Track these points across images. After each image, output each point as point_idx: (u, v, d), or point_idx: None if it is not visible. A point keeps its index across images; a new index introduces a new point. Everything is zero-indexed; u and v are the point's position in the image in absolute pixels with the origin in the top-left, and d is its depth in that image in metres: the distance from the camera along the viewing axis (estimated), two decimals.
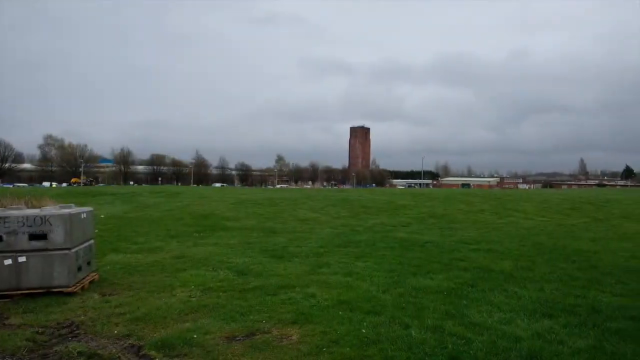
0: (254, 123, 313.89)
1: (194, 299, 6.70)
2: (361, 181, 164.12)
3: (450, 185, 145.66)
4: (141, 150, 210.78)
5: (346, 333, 5.26)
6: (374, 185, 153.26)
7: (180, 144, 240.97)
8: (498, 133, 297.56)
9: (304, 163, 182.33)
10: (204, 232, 13.63)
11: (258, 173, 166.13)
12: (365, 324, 5.56)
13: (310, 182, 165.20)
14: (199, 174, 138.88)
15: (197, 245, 11.45)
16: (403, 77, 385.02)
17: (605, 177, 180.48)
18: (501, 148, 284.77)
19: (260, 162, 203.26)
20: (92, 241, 7.99)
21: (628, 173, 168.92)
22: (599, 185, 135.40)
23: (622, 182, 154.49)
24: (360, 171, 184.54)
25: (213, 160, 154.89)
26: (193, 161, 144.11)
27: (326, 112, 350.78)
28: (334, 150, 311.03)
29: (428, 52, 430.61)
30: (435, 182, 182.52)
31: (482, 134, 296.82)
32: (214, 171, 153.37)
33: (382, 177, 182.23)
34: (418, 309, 6.19)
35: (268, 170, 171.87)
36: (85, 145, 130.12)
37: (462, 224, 16.75)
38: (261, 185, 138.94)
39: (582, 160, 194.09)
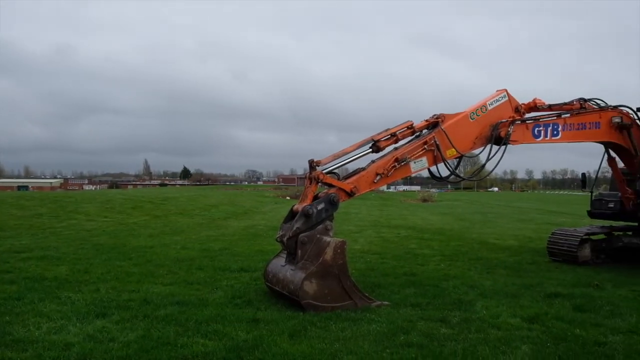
0: None
1: None
2: None
3: (5, 188, 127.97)
4: None
5: None
6: None
7: None
8: (56, 131, 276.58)
9: None
10: None
11: None
12: None
13: None
14: None
15: None
16: None
17: (167, 177, 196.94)
18: (62, 147, 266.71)
19: None
20: None
21: (185, 173, 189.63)
22: (161, 184, 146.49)
23: (180, 182, 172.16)
24: None
25: None
26: None
27: None
28: None
29: None
30: None
31: (37, 131, 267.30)
32: None
33: None
34: None
35: None
36: None
37: (15, 231, 14.96)
38: None
39: (146, 161, 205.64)
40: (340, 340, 5.25)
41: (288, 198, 43.59)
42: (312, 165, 6.93)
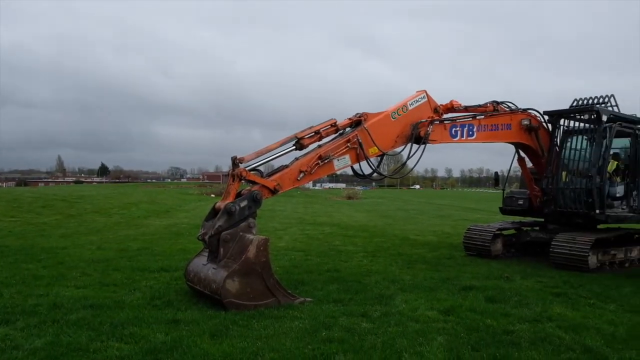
0: None
1: None
2: None
3: None
4: None
5: None
6: None
7: None
8: None
9: None
10: None
11: None
12: None
13: None
14: None
15: None
16: None
17: (83, 175, 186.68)
18: None
19: None
20: None
21: (103, 170, 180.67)
22: (76, 182, 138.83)
23: (98, 179, 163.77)
24: None
25: None
26: None
27: None
28: None
29: None
30: None
31: None
32: None
33: None
34: None
35: None
36: None
37: None
38: None
39: (59, 158, 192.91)
40: (262, 338, 5.21)
41: (212, 195, 42.67)
42: (235, 162, 6.82)
